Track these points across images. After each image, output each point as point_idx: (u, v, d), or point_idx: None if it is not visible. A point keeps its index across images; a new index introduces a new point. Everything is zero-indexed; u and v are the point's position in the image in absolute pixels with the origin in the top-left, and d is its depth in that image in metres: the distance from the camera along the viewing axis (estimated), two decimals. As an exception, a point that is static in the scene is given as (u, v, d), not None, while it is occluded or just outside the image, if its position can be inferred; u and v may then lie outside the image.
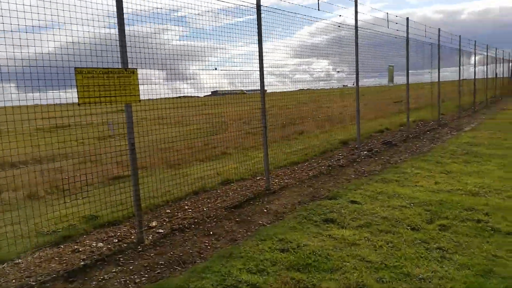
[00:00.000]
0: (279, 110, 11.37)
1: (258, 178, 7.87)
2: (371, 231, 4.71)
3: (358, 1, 9.45)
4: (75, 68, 4.10)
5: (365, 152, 9.99)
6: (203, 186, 7.20)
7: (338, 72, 9.92)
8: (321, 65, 9.53)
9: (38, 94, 2.93)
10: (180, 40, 4.93)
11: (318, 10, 8.18)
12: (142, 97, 4.83)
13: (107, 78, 4.41)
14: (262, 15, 6.41)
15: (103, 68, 4.37)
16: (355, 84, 9.76)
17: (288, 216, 5.46)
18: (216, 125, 12.70)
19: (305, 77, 9.14)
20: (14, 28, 2.31)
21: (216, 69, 5.80)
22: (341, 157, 9.66)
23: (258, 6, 6.37)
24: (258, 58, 6.61)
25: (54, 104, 4.45)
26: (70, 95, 3.35)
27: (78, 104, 4.20)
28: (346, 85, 11.28)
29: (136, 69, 4.70)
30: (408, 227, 4.78)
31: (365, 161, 9.05)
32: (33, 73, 2.65)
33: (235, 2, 5.97)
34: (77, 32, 3.20)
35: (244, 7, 6.14)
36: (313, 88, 9.69)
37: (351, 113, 12.77)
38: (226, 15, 5.95)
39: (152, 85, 4.76)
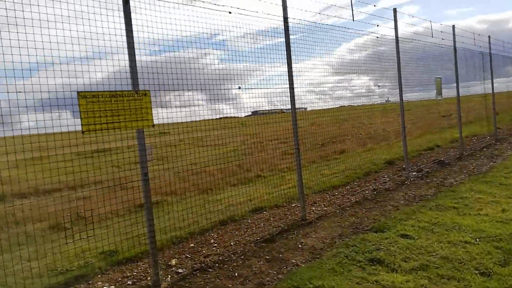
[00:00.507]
0: (318, 128, 10.65)
1: (293, 205, 7.14)
2: (429, 276, 3.84)
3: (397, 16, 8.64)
4: (78, 92, 3.66)
5: (414, 173, 8.98)
6: (232, 215, 6.57)
7: (379, 86, 9.08)
8: (361, 81, 8.76)
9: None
10: (219, 64, 4.54)
11: (353, 20, 7.47)
12: (182, 119, 4.42)
13: (115, 102, 3.94)
14: (295, 36, 5.86)
15: (109, 91, 3.91)
16: (399, 99, 8.87)
17: (326, 253, 4.67)
18: (251, 145, 12.16)
19: (345, 93, 8.40)
20: (64, 60, 2.29)
21: (239, 88, 5.23)
22: (387, 179, 8.71)
23: (285, 18, 5.79)
24: (287, 75, 5.99)
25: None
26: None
27: (82, 132, 3.74)
28: (389, 100, 10.40)
29: (148, 91, 4.22)
30: (477, 272, 3.86)
31: (415, 184, 8.06)
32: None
33: (265, 17, 5.45)
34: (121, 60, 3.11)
35: (279, 28, 5.63)
36: (354, 104, 8.92)
37: (395, 129, 11.78)
38: (265, 35, 5.50)
39: (193, 107, 4.32)
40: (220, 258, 4.85)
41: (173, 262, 4.82)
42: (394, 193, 7.41)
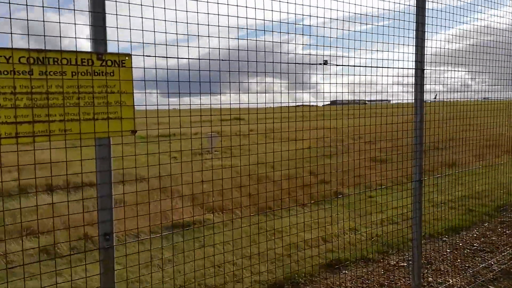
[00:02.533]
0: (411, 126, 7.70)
1: (392, 262, 4.54)
2: None
3: None
4: None
5: None
6: (289, 274, 4.19)
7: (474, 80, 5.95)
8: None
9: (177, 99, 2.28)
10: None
11: None
12: (261, 105, 2.96)
13: (44, 78, 1.75)
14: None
15: (33, 50, 1.72)
16: None
17: None
18: (330, 143, 9.58)
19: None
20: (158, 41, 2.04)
21: (326, 62, 2.86)
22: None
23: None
24: (415, 52, 3.41)
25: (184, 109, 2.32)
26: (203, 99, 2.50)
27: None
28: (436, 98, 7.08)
29: (129, 55, 1.96)
30: None
31: None
32: (172, 81, 2.19)
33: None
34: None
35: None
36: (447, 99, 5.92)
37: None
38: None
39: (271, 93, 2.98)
40: None
41: None
42: None
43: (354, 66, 3.37)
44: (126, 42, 1.95)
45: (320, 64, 2.79)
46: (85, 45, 1.98)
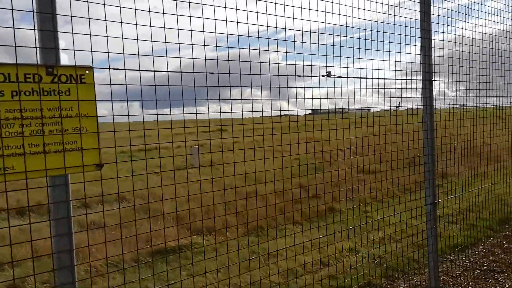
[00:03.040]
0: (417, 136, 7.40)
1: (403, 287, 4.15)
2: None
3: None
4: None
5: None
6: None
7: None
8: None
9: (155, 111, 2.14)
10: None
11: None
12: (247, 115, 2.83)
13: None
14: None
15: None
16: None
17: None
18: (317, 155, 9.19)
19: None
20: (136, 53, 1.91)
21: (329, 74, 2.51)
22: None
23: None
24: (422, 56, 3.04)
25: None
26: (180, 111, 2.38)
27: None
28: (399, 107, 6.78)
29: (91, 67, 1.52)
30: None
31: None
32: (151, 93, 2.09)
33: None
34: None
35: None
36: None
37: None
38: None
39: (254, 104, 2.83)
40: None
41: None
42: None
43: (354, 77, 2.98)
44: (86, 52, 1.51)
45: (323, 76, 2.40)
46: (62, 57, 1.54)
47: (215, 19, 2.25)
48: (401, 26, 3.25)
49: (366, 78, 3.08)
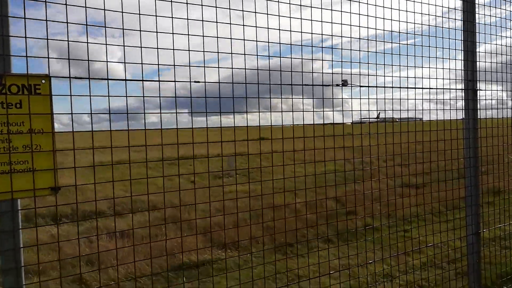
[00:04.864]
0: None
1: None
2: None
3: None
4: None
5: None
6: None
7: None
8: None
9: (201, 119, 2.34)
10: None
11: None
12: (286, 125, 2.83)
13: None
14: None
15: None
16: None
17: None
18: (356, 165, 8.68)
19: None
20: (186, 63, 2.19)
21: (345, 83, 2.21)
22: None
23: None
24: (464, 61, 2.63)
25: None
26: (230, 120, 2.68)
27: None
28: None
29: (48, 76, 1.32)
30: None
31: None
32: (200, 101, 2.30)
33: None
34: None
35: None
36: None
37: None
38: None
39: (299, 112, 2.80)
40: None
41: None
42: None
43: (392, 87, 2.63)
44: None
45: (338, 85, 2.11)
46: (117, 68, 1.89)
47: (256, 26, 2.25)
48: (444, 31, 2.87)
49: (400, 88, 2.72)
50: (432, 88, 2.57)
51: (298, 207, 7.94)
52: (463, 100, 2.59)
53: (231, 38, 2.22)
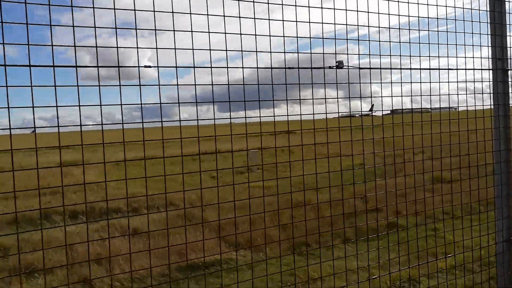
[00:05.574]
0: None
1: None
2: None
3: None
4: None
5: None
6: None
7: None
8: None
9: (230, 113, 2.42)
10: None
11: None
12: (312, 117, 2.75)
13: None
14: None
15: None
16: None
17: None
18: (385, 160, 8.17)
19: None
20: (214, 59, 2.29)
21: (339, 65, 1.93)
22: None
23: None
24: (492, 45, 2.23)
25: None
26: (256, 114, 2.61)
27: None
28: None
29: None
30: None
31: None
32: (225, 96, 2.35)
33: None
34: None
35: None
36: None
37: None
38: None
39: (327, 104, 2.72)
40: None
41: None
42: None
43: (412, 69, 2.27)
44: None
45: (331, 67, 1.84)
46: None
47: (283, 20, 2.23)
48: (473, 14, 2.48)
49: (420, 69, 2.35)
50: (452, 69, 2.18)
51: (319, 205, 7.57)
52: (491, 82, 2.18)
53: (255, 35, 2.25)
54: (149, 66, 1.98)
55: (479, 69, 2.15)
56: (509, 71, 2.29)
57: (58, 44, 1.81)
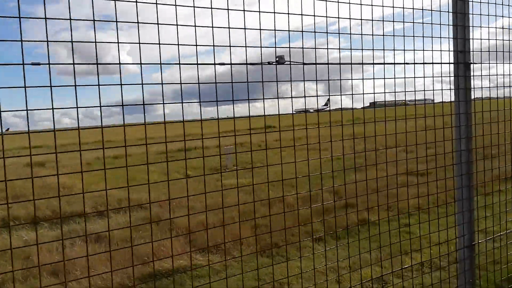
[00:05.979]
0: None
1: None
2: None
3: None
4: None
5: None
6: None
7: None
8: None
9: (211, 109, 2.54)
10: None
11: None
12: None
13: None
14: None
15: None
16: None
17: None
18: (358, 154, 8.12)
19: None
20: (193, 53, 2.25)
21: (279, 60, 1.83)
22: None
23: None
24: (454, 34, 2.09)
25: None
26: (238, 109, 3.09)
27: None
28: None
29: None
30: None
31: None
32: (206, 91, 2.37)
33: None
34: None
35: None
36: None
37: None
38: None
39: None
40: None
41: None
42: None
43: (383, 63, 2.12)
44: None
45: (270, 63, 1.71)
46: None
47: (259, 11, 2.19)
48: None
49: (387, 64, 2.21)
50: (418, 63, 2.05)
51: (291, 202, 7.42)
52: (452, 77, 2.06)
53: (245, 28, 2.22)
54: (128, 64, 1.92)
55: (439, 63, 2.01)
56: (471, 65, 2.17)
57: (28, 40, 1.74)
